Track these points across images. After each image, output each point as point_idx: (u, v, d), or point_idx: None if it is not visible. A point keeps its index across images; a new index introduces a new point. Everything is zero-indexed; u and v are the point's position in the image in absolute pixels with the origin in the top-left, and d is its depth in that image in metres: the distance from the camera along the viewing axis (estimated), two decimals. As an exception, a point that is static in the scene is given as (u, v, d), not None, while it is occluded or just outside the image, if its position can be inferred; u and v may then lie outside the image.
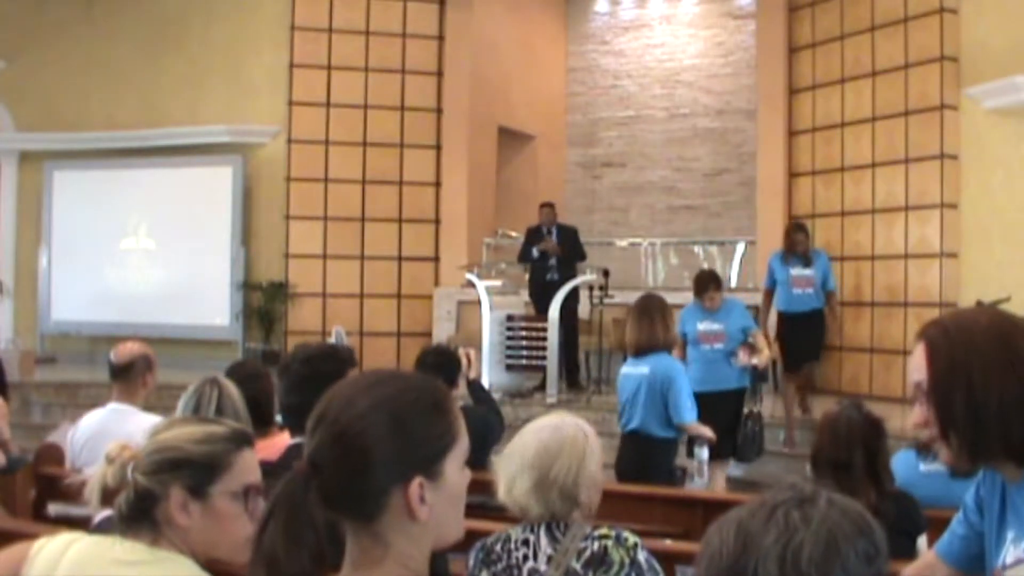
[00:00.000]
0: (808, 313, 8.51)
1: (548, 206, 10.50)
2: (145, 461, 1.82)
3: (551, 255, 9.89)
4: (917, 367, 1.80)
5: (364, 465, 1.34)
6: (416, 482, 1.35)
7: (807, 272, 8.50)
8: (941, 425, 1.76)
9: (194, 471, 1.81)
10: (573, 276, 9.86)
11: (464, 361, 5.04)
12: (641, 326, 5.44)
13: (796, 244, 8.54)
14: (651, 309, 5.47)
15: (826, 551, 1.02)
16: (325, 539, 1.36)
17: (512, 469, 2.57)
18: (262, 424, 3.62)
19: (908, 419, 1.85)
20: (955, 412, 1.73)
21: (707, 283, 7.01)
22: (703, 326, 6.99)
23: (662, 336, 5.43)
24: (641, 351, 5.45)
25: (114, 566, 1.75)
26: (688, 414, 5.41)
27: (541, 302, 9.80)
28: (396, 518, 1.36)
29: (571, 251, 10.12)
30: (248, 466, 1.88)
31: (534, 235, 10.27)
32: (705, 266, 12.36)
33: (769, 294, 8.78)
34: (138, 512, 1.80)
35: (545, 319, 9.42)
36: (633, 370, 5.50)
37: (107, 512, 2.03)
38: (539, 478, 2.54)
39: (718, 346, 6.96)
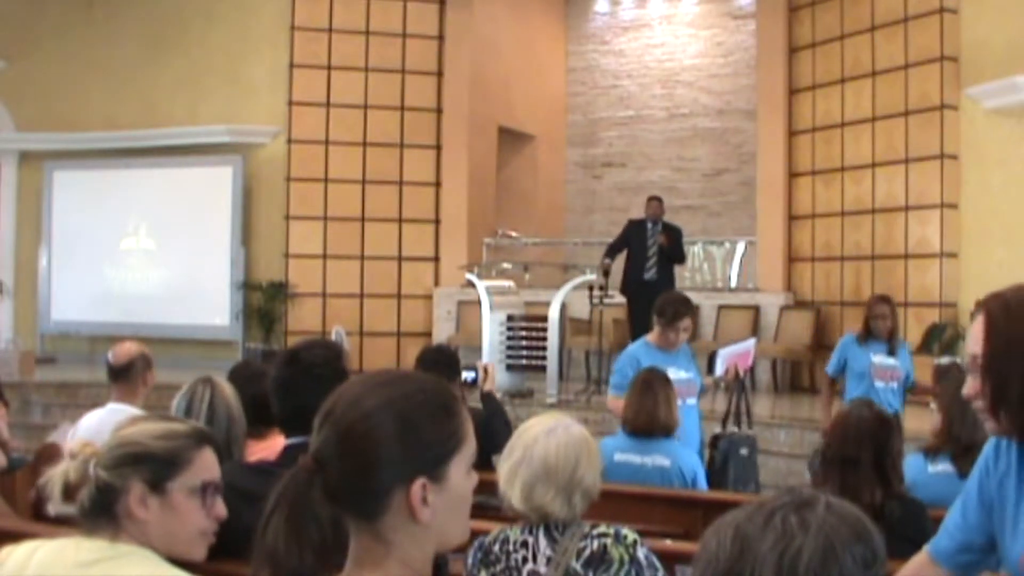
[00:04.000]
0: None
1: (656, 200, 10.01)
2: (106, 456, 1.85)
3: (606, 273, 9.50)
4: (975, 339, 1.81)
5: (368, 464, 1.35)
6: (419, 483, 1.35)
7: (891, 362, 6.36)
8: (993, 401, 1.76)
9: (153, 466, 1.84)
10: (672, 275, 9.65)
11: (481, 374, 5.03)
12: (648, 402, 4.50)
13: (878, 318, 6.35)
14: (657, 384, 4.56)
15: (824, 557, 1.01)
16: (330, 535, 1.36)
17: (529, 475, 2.54)
18: (264, 425, 3.59)
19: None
20: (1009, 390, 1.74)
21: (684, 309, 5.40)
22: (671, 375, 5.07)
23: (676, 417, 4.58)
24: (651, 433, 4.50)
25: (77, 568, 1.77)
26: None
27: (636, 301, 9.47)
28: (398, 518, 1.36)
29: (672, 250, 9.71)
30: (207, 463, 1.91)
31: (636, 229, 9.83)
32: (705, 267, 12.38)
33: (833, 384, 6.66)
34: (99, 507, 1.83)
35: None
36: (641, 459, 4.48)
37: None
38: (565, 482, 2.53)
39: (691, 401, 5.35)
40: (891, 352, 6.38)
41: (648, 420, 4.48)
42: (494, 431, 4.73)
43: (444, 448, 1.39)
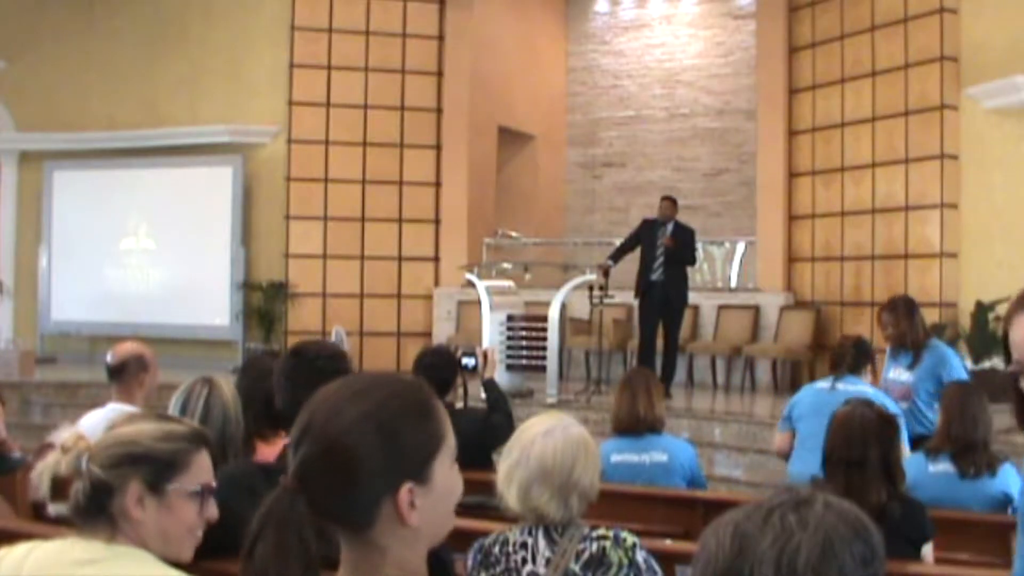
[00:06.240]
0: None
1: (668, 200, 9.67)
2: (103, 454, 1.82)
3: (605, 274, 9.39)
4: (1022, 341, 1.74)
5: (354, 478, 1.34)
6: (406, 489, 1.35)
7: (904, 377, 5.48)
8: None
9: (154, 467, 1.83)
10: (683, 277, 9.45)
11: (481, 360, 5.00)
12: (626, 400, 4.56)
13: (882, 328, 5.66)
14: (636, 381, 4.64)
15: (822, 554, 1.01)
16: (314, 548, 1.36)
17: (526, 476, 2.53)
18: (272, 427, 3.52)
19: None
20: None
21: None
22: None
23: (660, 412, 4.61)
24: (639, 431, 4.54)
25: (73, 567, 1.76)
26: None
27: (643, 302, 9.43)
28: (389, 525, 1.36)
29: (681, 252, 9.38)
30: (204, 466, 1.90)
31: (648, 229, 9.57)
32: (705, 267, 12.34)
33: None
34: (94, 505, 1.81)
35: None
36: (639, 457, 4.52)
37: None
38: (561, 483, 2.52)
39: None
40: (912, 363, 5.45)
41: (630, 417, 4.53)
42: (495, 427, 4.72)
43: (426, 450, 1.38)
